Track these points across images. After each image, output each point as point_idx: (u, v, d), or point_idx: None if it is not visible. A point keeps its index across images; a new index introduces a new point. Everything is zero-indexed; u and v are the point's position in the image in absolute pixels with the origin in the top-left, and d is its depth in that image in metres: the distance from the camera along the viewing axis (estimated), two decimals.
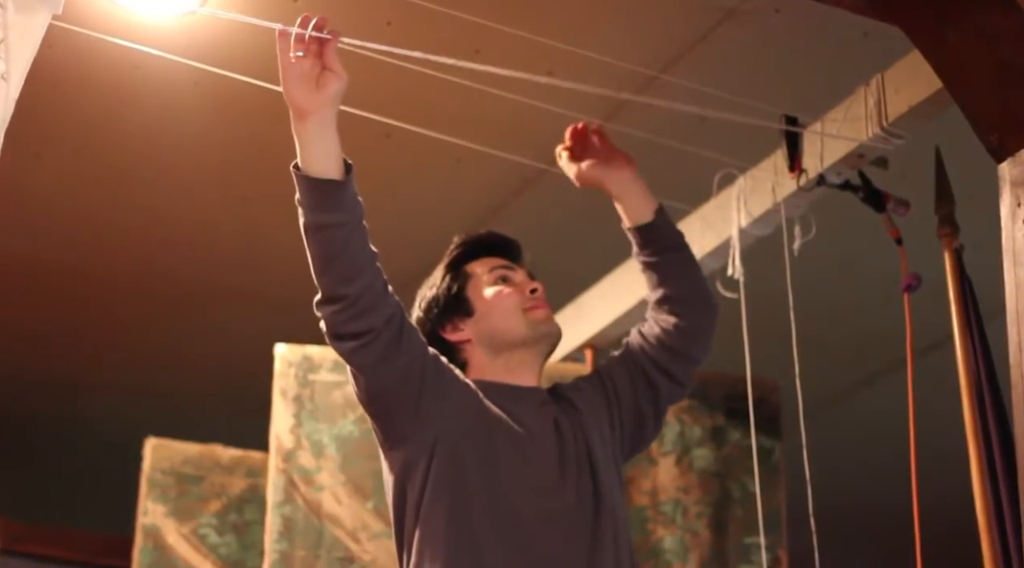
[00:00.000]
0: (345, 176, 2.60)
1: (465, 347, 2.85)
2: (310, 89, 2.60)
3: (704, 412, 4.29)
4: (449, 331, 2.86)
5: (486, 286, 2.88)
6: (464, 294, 2.88)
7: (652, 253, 3.02)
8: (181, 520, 4.65)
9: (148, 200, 4.74)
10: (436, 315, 2.87)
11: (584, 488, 2.69)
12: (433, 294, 2.92)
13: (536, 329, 2.83)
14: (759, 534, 4.06)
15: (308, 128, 2.61)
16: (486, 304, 2.85)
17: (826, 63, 3.97)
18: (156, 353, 5.69)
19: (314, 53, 2.61)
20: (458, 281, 2.91)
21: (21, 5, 2.18)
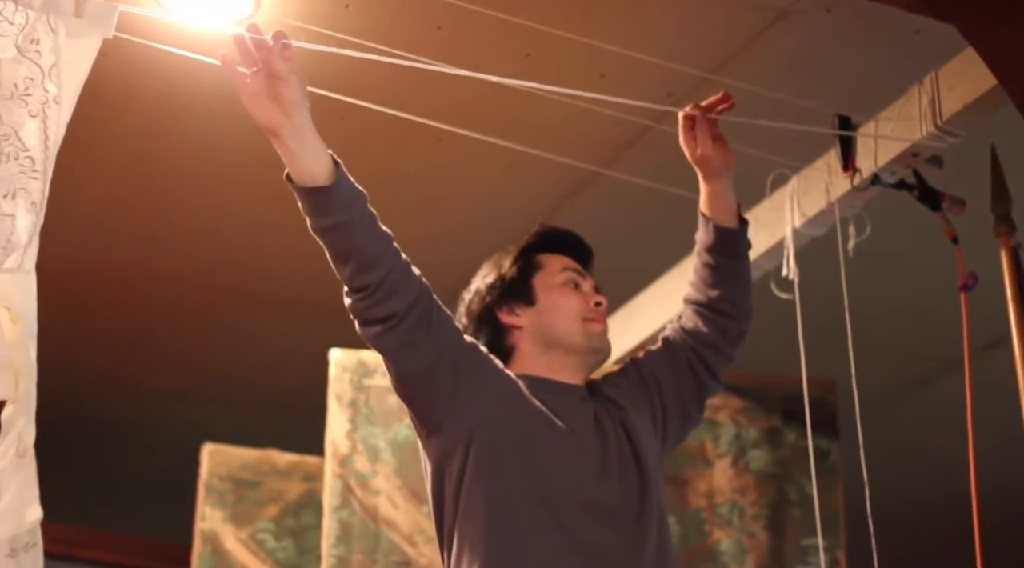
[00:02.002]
0: (335, 176, 2.56)
1: (515, 333, 2.82)
2: (269, 105, 2.52)
3: (760, 413, 4.27)
4: (505, 313, 2.83)
5: (554, 283, 2.85)
6: (530, 282, 2.85)
7: (723, 256, 2.99)
8: (239, 525, 4.67)
9: (201, 207, 4.76)
10: (497, 293, 2.85)
11: (629, 482, 2.68)
12: (499, 273, 2.89)
13: (591, 341, 2.81)
14: (817, 535, 4.04)
15: (284, 142, 2.55)
16: (550, 300, 2.82)
17: (879, 62, 3.94)
18: (213, 359, 5.72)
19: (264, 66, 2.50)
20: (528, 268, 2.87)
21: (73, 30, 2.19)
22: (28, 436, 2.10)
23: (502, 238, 4.76)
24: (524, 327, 2.81)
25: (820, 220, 3.75)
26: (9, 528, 2.08)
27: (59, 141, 2.15)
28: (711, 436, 4.22)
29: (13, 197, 2.09)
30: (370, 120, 4.02)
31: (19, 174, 2.10)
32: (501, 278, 2.87)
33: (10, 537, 2.08)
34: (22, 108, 2.11)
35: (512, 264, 2.89)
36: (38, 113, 2.12)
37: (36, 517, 2.10)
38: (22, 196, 2.09)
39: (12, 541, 2.08)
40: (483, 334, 2.83)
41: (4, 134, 2.09)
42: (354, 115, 3.93)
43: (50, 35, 2.15)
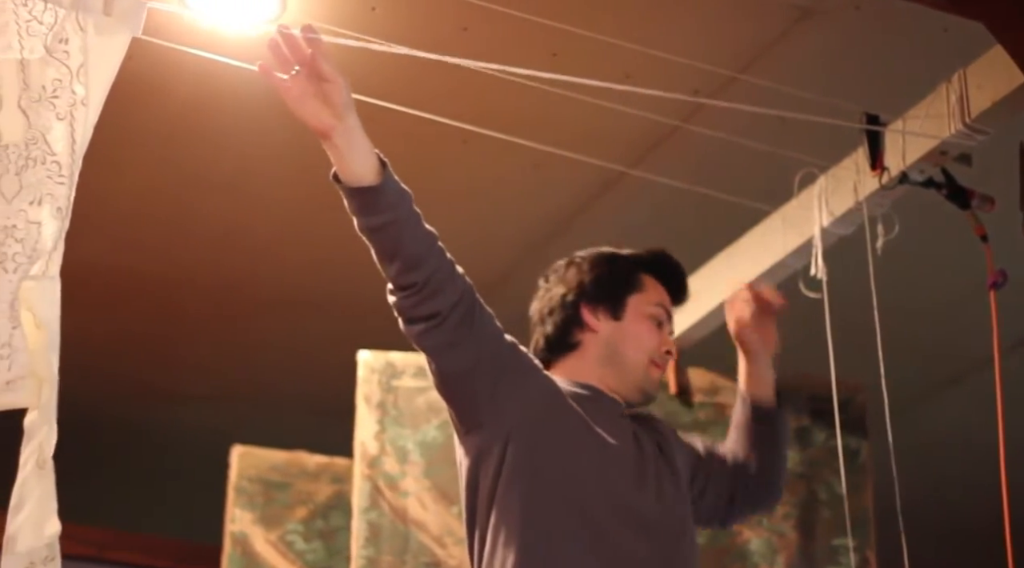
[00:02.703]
0: (383, 176, 2.57)
1: (587, 334, 2.81)
2: (318, 106, 2.50)
3: (789, 413, 4.26)
4: (589, 312, 2.81)
5: (645, 311, 2.83)
6: (626, 298, 2.83)
7: (760, 436, 3.04)
8: (268, 527, 4.68)
9: (228, 209, 4.77)
10: (590, 291, 2.83)
11: (666, 498, 2.69)
12: (602, 272, 2.86)
13: (645, 384, 2.81)
14: (847, 535, 4.03)
15: (334, 143, 2.53)
16: (634, 326, 2.82)
17: (907, 60, 3.93)
18: (241, 361, 5.73)
19: (307, 68, 2.48)
20: (630, 283, 2.86)
21: (101, 28, 2.18)
22: (48, 447, 2.08)
23: (528, 238, 4.80)
24: (599, 334, 2.81)
25: (848, 219, 3.74)
26: (28, 542, 2.06)
27: (85, 145, 2.14)
28: None
29: (39, 203, 2.08)
30: (397, 122, 4.03)
31: (45, 179, 2.09)
32: (601, 279, 2.85)
33: (28, 551, 2.06)
34: (50, 111, 2.10)
35: (618, 270, 2.87)
36: (66, 116, 2.11)
37: (55, 531, 2.08)
38: (48, 202, 2.08)
39: (30, 555, 2.06)
40: (557, 316, 2.84)
41: (31, 138, 2.08)
42: (381, 117, 3.93)
43: (79, 34, 2.14)
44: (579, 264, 2.90)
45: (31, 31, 2.13)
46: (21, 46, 2.12)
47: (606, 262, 2.89)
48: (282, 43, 2.45)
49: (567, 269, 2.91)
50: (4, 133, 2.09)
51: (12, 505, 2.07)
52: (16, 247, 2.07)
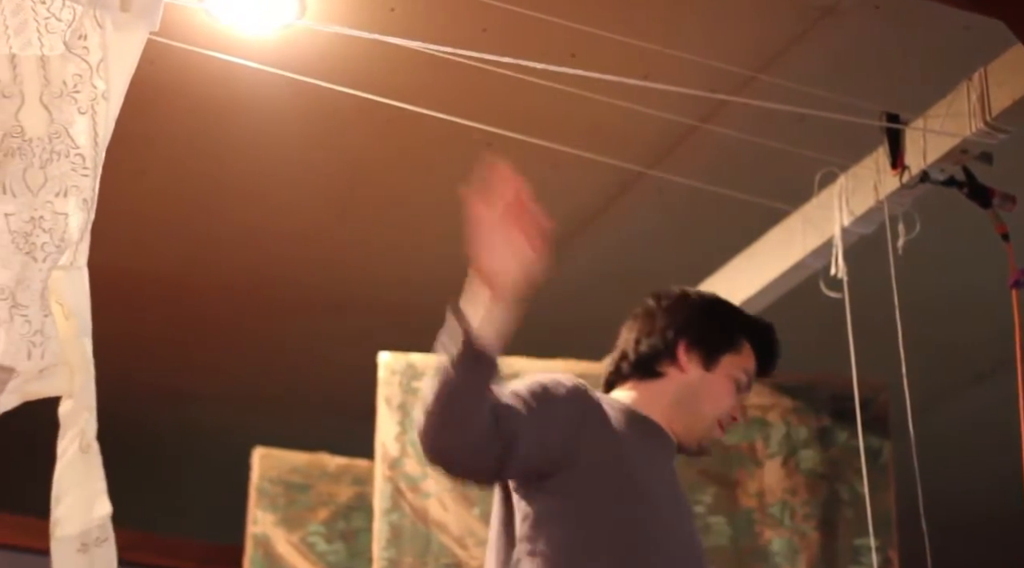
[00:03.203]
0: (495, 350, 2.52)
1: (674, 371, 2.83)
2: (509, 256, 2.50)
3: (810, 413, 4.26)
4: (683, 351, 2.83)
5: (731, 373, 2.86)
6: (721, 355, 2.85)
7: None
8: (290, 529, 4.69)
9: (250, 212, 4.78)
10: (694, 333, 2.84)
11: (688, 518, 2.74)
12: (711, 322, 2.88)
13: (705, 439, 2.84)
14: (869, 535, 4.02)
15: (495, 299, 2.51)
16: (718, 383, 2.84)
17: (927, 59, 3.92)
18: (261, 363, 5.74)
19: (516, 211, 2.50)
20: (730, 342, 2.87)
21: (119, 23, 2.20)
22: (91, 430, 2.12)
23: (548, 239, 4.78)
24: (684, 376, 2.83)
25: (869, 218, 3.73)
26: (78, 524, 2.10)
27: (108, 137, 2.17)
28: (761, 436, 4.20)
29: (65, 195, 2.12)
30: (417, 123, 4.04)
31: (70, 172, 2.13)
32: (708, 327, 2.87)
33: (80, 532, 2.10)
34: (71, 105, 2.14)
35: (726, 325, 2.89)
36: (87, 110, 2.14)
37: (105, 511, 2.12)
38: (73, 193, 2.12)
39: (82, 536, 2.10)
40: (654, 341, 2.85)
41: (55, 132, 2.12)
42: (401, 118, 3.94)
43: (97, 30, 2.17)
44: (692, 302, 2.92)
45: (50, 28, 2.16)
46: (41, 43, 2.16)
47: (717, 313, 2.92)
48: (496, 176, 2.49)
49: (679, 301, 2.93)
50: (27, 127, 2.12)
51: (54, 493, 2.11)
52: (44, 237, 2.10)
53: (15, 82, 2.14)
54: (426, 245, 4.90)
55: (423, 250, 4.93)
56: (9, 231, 2.09)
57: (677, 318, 2.87)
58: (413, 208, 4.71)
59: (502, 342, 2.47)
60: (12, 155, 2.11)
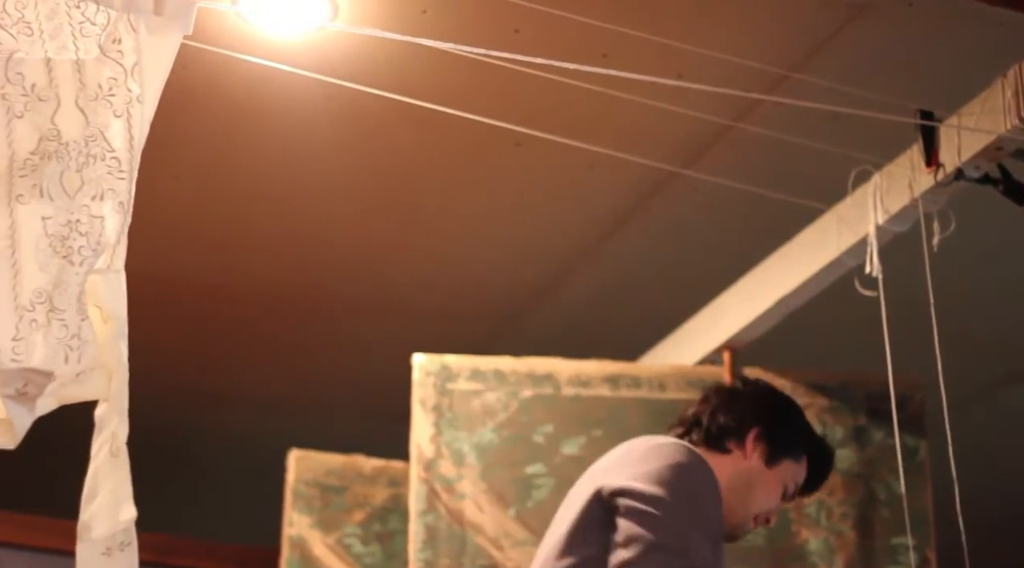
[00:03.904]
0: None
1: (739, 453, 2.96)
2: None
3: (846, 412, 4.25)
4: (752, 440, 2.96)
5: (784, 479, 2.99)
6: (783, 456, 2.98)
7: None
8: (326, 531, 4.70)
9: (282, 215, 4.79)
10: (767, 428, 2.98)
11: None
12: (786, 426, 3.01)
13: (740, 530, 2.96)
14: (906, 534, 4.01)
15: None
16: (771, 483, 2.98)
17: (961, 55, 3.91)
18: (296, 366, 5.76)
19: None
20: (792, 450, 3.01)
21: (153, 27, 2.22)
22: (122, 434, 2.15)
23: (582, 239, 4.80)
24: (745, 462, 2.96)
25: (904, 216, 3.72)
26: (104, 527, 2.12)
27: (143, 141, 2.19)
28: None
29: (101, 198, 2.13)
30: (450, 125, 4.04)
31: (106, 175, 2.14)
32: (781, 428, 3.00)
33: (106, 536, 2.12)
34: (107, 109, 2.15)
35: (794, 437, 3.02)
36: (122, 113, 2.15)
37: (130, 516, 2.14)
38: (110, 197, 2.13)
39: (108, 540, 2.12)
40: (732, 418, 2.99)
41: (90, 135, 2.13)
42: (434, 121, 3.95)
43: (131, 34, 2.19)
44: (776, 400, 3.07)
45: (84, 32, 2.18)
46: (76, 47, 2.17)
47: (793, 420, 3.06)
48: None
49: (765, 394, 3.08)
50: (63, 131, 2.14)
51: (85, 494, 2.13)
52: (81, 241, 2.12)
53: (51, 86, 2.15)
54: (459, 247, 4.90)
55: (456, 252, 4.93)
56: (46, 235, 2.11)
57: (757, 407, 3.01)
58: (446, 210, 4.72)
59: None
60: (49, 158, 2.12)
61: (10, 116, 2.12)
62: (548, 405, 4.24)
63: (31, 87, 2.15)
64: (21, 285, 2.08)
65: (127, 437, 2.18)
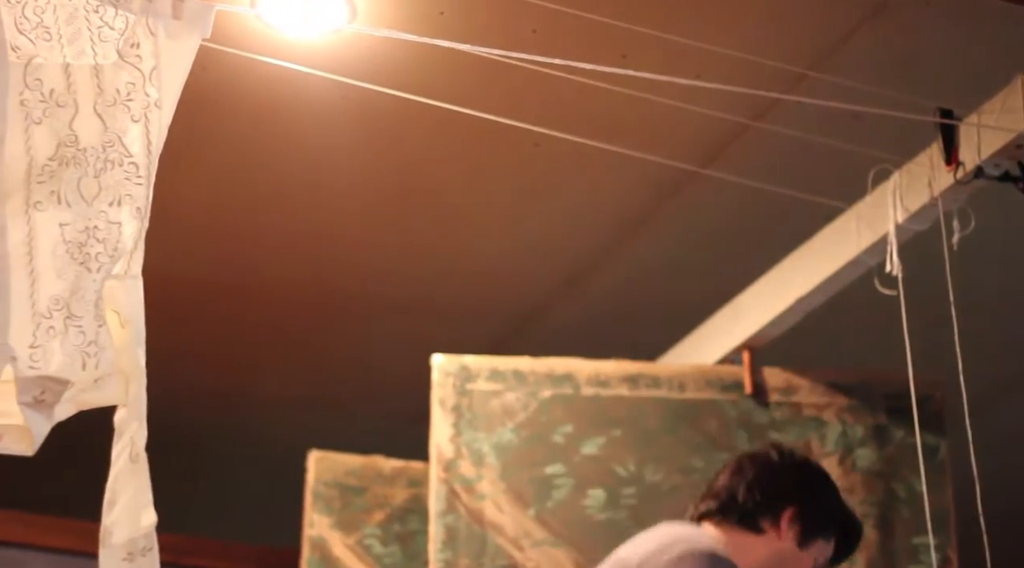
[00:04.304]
0: None
1: (770, 532, 2.95)
2: None
3: (866, 411, 4.24)
4: (787, 519, 2.96)
5: (814, 556, 2.99)
6: (817, 536, 2.98)
7: None
8: (346, 531, 4.70)
9: (302, 216, 4.80)
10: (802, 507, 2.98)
11: None
12: (820, 507, 3.01)
13: None
14: (928, 534, 4.00)
15: None
16: (802, 563, 2.98)
17: (980, 53, 3.90)
18: (315, 367, 5.76)
19: None
20: (827, 530, 3.01)
21: (172, 31, 2.22)
22: (140, 440, 2.15)
23: (601, 239, 4.80)
24: (779, 542, 2.97)
25: (923, 215, 3.71)
26: (125, 533, 2.13)
27: (161, 146, 2.19)
28: (817, 435, 4.19)
29: (119, 204, 2.14)
30: (468, 126, 4.04)
31: (124, 181, 2.14)
32: (816, 508, 3.00)
33: (127, 541, 2.13)
34: (125, 114, 2.15)
35: (828, 516, 3.03)
36: (140, 118, 2.16)
37: (151, 521, 2.15)
38: (127, 202, 2.13)
39: (129, 545, 2.13)
40: (766, 494, 2.98)
41: (108, 141, 2.13)
42: (453, 121, 3.95)
43: (150, 38, 2.19)
44: (813, 476, 3.07)
45: (103, 37, 2.18)
46: (94, 52, 2.17)
47: (830, 498, 3.06)
48: None
49: (802, 468, 3.08)
50: (81, 137, 2.14)
51: (106, 500, 2.14)
52: (98, 247, 2.12)
53: (69, 91, 2.16)
54: (478, 247, 4.90)
55: (475, 252, 4.93)
56: (64, 241, 2.11)
57: (794, 485, 3.00)
58: (465, 211, 4.72)
59: None
60: (67, 164, 2.13)
61: (28, 122, 2.12)
62: (567, 405, 4.24)
63: (49, 93, 2.15)
64: (38, 292, 2.08)
65: (146, 441, 2.19)
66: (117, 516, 2.12)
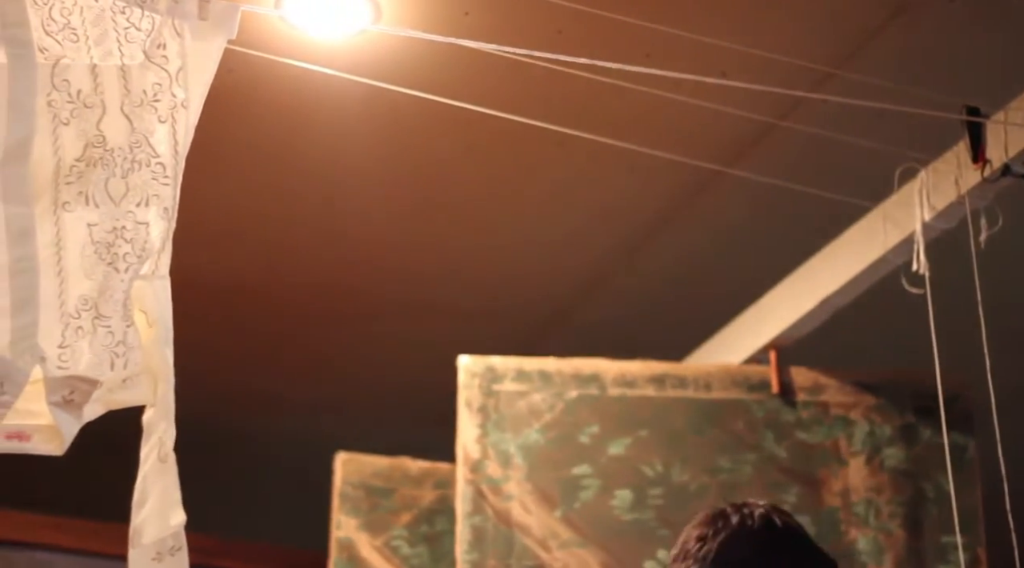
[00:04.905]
0: None
1: None
2: None
3: (894, 411, 4.22)
4: None
5: None
6: None
7: None
8: (373, 533, 4.71)
9: (325, 218, 4.80)
10: None
11: None
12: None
13: None
14: (955, 533, 3.98)
15: None
16: None
17: (1007, 50, 3.88)
18: (341, 369, 5.77)
19: None
20: None
21: (198, 32, 2.23)
22: (169, 440, 2.16)
23: (625, 240, 4.79)
24: None
25: (950, 213, 3.70)
26: (154, 532, 2.14)
27: (187, 146, 2.20)
28: (845, 434, 4.18)
29: (146, 204, 2.15)
30: (492, 126, 4.04)
31: (151, 181, 2.16)
32: None
33: (155, 541, 2.14)
34: (152, 114, 2.16)
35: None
36: (167, 118, 2.17)
37: (180, 520, 2.16)
38: (154, 202, 2.14)
39: (158, 545, 2.14)
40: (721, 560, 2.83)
41: (135, 141, 2.14)
42: (476, 121, 3.95)
43: (176, 39, 2.20)
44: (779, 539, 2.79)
45: (130, 38, 2.19)
46: (121, 53, 2.18)
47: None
48: None
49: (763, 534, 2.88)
50: (109, 137, 2.16)
51: (135, 500, 2.15)
52: (126, 248, 2.13)
53: (96, 92, 2.17)
54: (502, 248, 4.90)
55: (499, 253, 4.93)
56: (92, 242, 2.12)
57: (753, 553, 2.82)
58: (490, 212, 4.72)
59: None
60: (94, 165, 2.14)
61: (56, 123, 2.13)
62: (594, 406, 4.23)
63: (77, 94, 2.16)
64: (67, 292, 2.09)
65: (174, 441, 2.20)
66: (146, 516, 2.13)
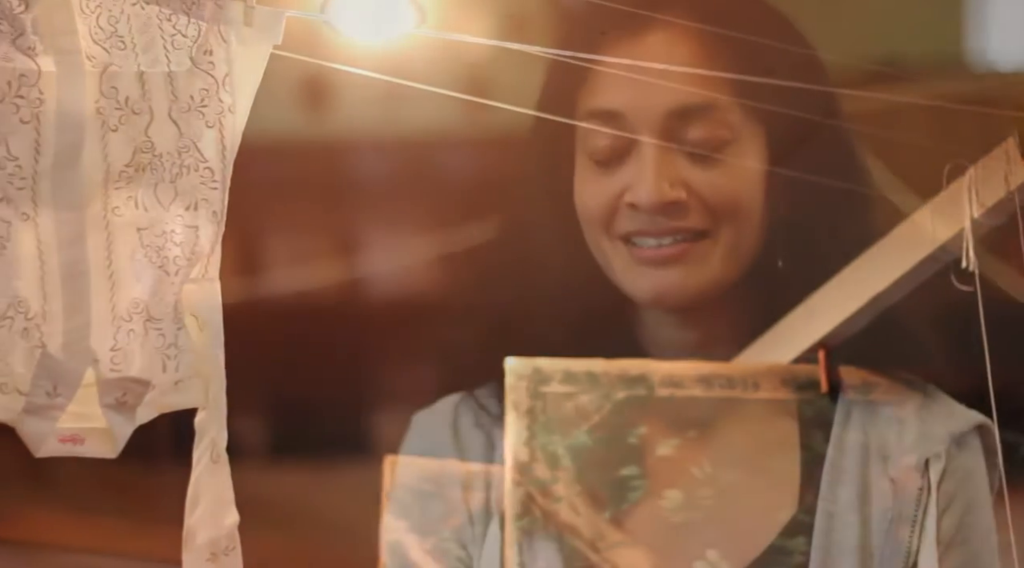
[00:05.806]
0: None
1: None
2: None
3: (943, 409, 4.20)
4: None
5: None
6: None
7: None
8: (423, 535, 4.71)
9: (368, 221, 4.81)
10: None
11: None
12: None
13: None
14: (1009, 531, 3.96)
15: None
16: None
17: None
18: (388, 371, 5.78)
19: None
20: None
21: (243, 38, 2.25)
22: (221, 441, 2.18)
23: None
24: None
25: (1000, 209, 3.68)
26: (208, 533, 2.16)
27: (235, 151, 2.22)
28: None
29: (195, 208, 2.17)
30: None
31: (200, 185, 2.18)
32: None
33: (209, 541, 2.16)
34: (199, 119, 2.18)
35: None
36: (214, 123, 2.19)
37: (234, 521, 2.18)
38: (204, 207, 2.16)
39: (212, 545, 2.16)
40: None
41: (184, 146, 2.16)
42: None
43: (222, 45, 2.22)
44: None
45: (176, 44, 2.21)
46: (168, 59, 2.20)
47: None
48: None
49: None
50: (157, 143, 2.18)
51: (188, 502, 2.17)
52: (176, 251, 2.16)
53: (144, 99, 2.19)
54: (547, 251, 4.89)
55: (544, 256, 4.92)
56: (142, 246, 2.15)
57: None
58: (534, 214, 4.71)
59: None
60: (143, 170, 2.16)
61: (104, 130, 2.15)
62: (641, 406, 4.22)
63: (125, 100, 2.18)
64: (118, 296, 2.11)
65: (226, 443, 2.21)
66: (200, 517, 2.14)
